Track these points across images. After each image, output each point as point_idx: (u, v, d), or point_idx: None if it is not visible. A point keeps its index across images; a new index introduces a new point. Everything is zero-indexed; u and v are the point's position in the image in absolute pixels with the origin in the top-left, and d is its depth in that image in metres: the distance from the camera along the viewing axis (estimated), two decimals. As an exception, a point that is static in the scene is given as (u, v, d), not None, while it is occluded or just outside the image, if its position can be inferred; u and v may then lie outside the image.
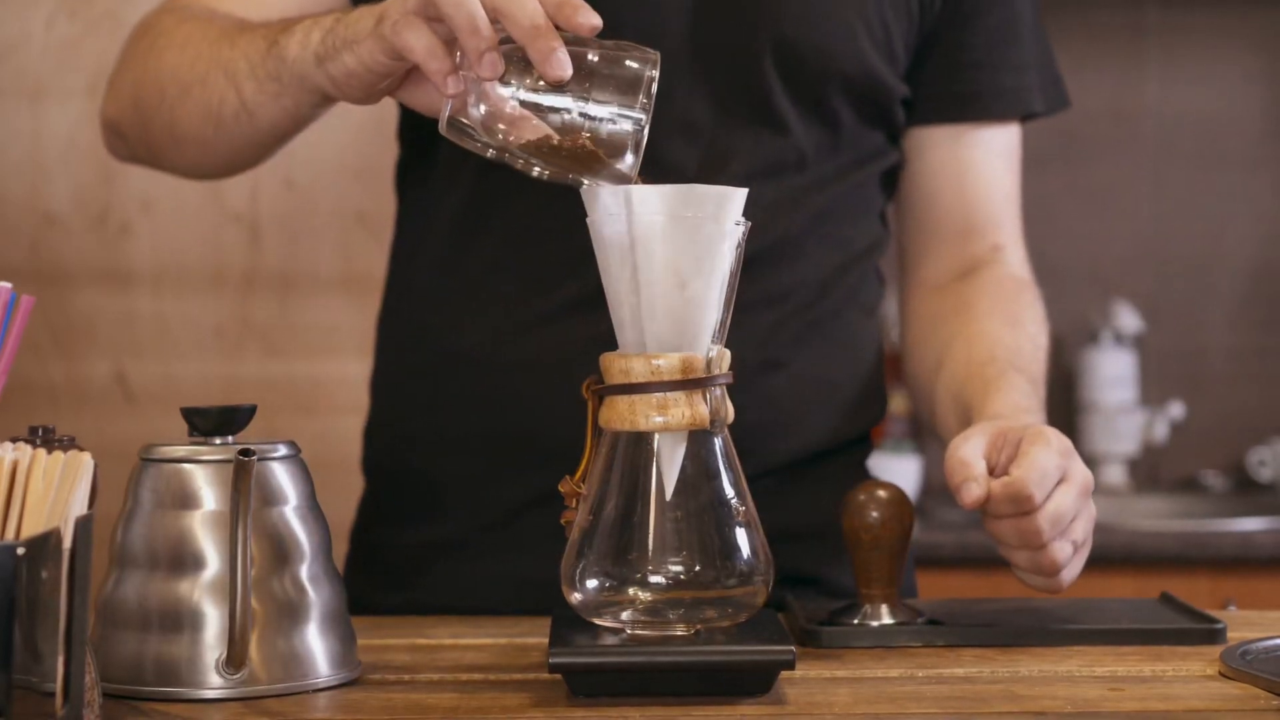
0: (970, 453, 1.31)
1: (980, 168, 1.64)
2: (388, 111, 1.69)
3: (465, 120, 1.24)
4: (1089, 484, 1.33)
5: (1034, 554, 1.31)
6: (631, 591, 1.15)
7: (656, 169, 1.48)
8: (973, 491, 1.29)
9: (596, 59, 1.23)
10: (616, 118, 1.22)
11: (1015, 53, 1.64)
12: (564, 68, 1.20)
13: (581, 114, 1.22)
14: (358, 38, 1.30)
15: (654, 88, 1.23)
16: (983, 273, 1.63)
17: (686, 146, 1.51)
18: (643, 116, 1.22)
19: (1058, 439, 1.32)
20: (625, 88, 1.23)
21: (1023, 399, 1.45)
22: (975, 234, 1.64)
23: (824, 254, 1.58)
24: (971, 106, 1.63)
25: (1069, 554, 1.32)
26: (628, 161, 1.23)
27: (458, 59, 1.23)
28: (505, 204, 1.55)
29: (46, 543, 0.93)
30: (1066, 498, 1.30)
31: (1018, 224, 1.67)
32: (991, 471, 1.32)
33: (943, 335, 1.59)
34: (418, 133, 1.63)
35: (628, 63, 1.23)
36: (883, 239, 1.65)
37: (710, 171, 1.50)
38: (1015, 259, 1.65)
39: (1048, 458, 1.29)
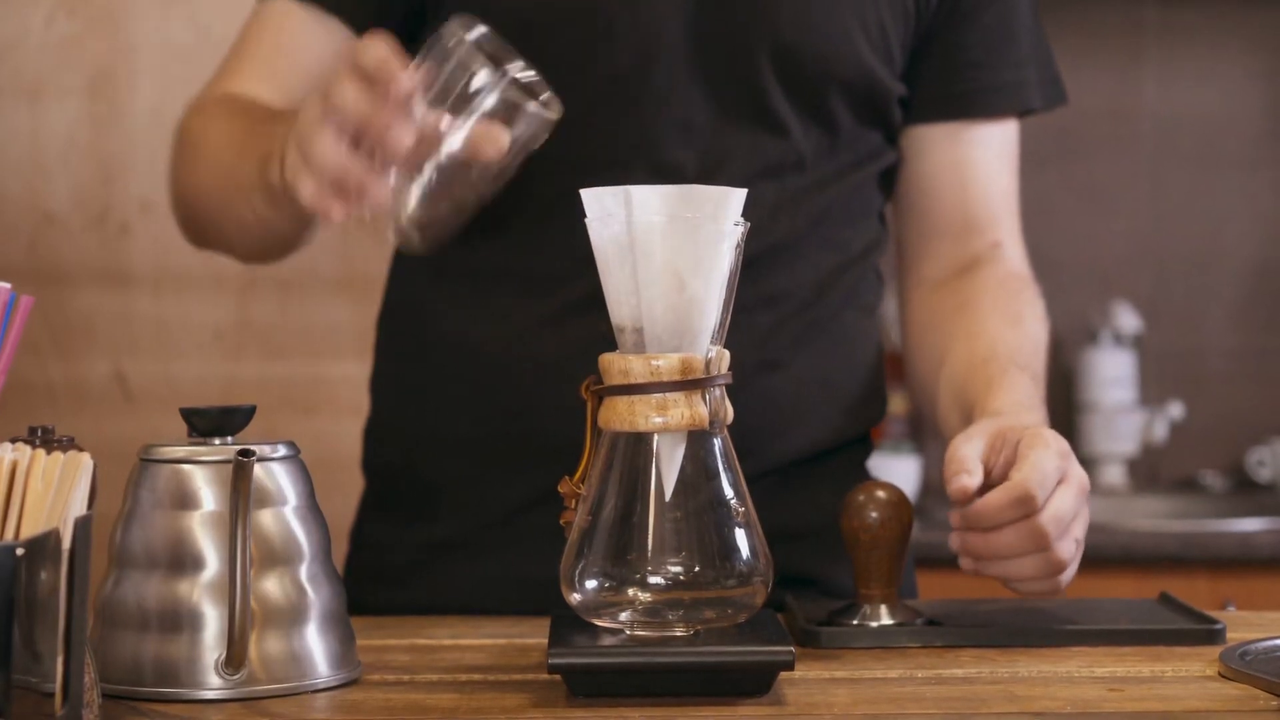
0: (969, 452, 1.32)
1: (979, 165, 1.65)
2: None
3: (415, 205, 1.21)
4: (1086, 485, 1.34)
5: (1040, 555, 1.31)
6: (631, 592, 1.15)
7: (655, 170, 1.48)
8: (963, 482, 1.30)
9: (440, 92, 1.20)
10: (487, 100, 1.20)
11: (1012, 50, 1.64)
12: (402, 140, 1.16)
13: (471, 113, 1.20)
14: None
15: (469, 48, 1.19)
16: (983, 270, 1.63)
17: (685, 148, 1.51)
18: (491, 71, 1.19)
19: (1056, 441, 1.33)
20: (464, 94, 1.20)
21: (1024, 396, 1.46)
22: (975, 231, 1.65)
23: (823, 255, 1.58)
24: (969, 105, 1.63)
25: (1073, 551, 1.33)
26: (532, 108, 1.20)
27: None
28: (506, 205, 1.55)
29: (46, 543, 0.93)
30: (1067, 498, 1.31)
31: (1016, 221, 1.68)
32: (990, 472, 1.33)
33: (944, 333, 1.59)
34: None
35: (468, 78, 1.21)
36: (881, 239, 1.66)
37: (708, 173, 1.50)
38: (1015, 255, 1.66)
39: (1048, 459, 1.30)
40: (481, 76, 1.19)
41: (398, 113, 1.15)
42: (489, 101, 1.19)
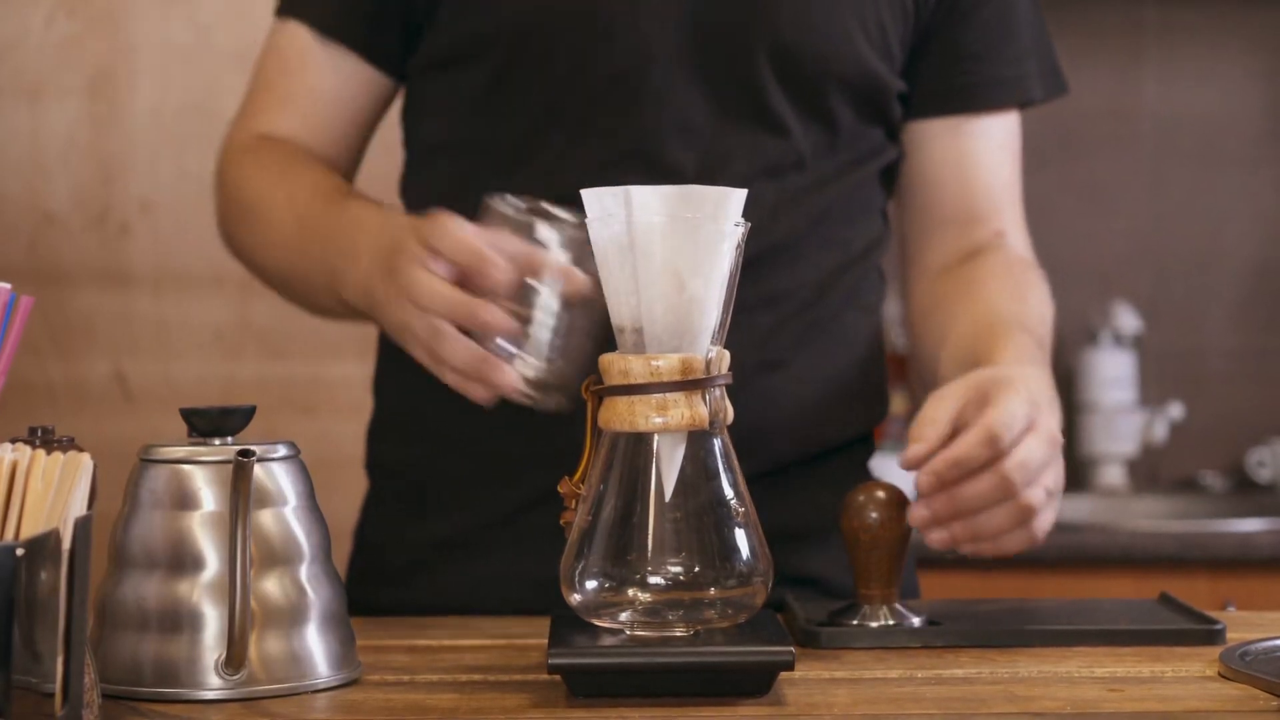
0: (933, 414, 1.32)
1: (981, 156, 1.65)
2: (388, 116, 1.69)
3: (534, 359, 1.31)
4: (1056, 437, 1.34)
5: (1010, 504, 1.31)
6: (631, 592, 1.15)
7: (655, 171, 1.48)
8: (911, 451, 1.30)
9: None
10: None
11: (1012, 44, 1.64)
12: (501, 320, 1.28)
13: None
14: (393, 332, 1.39)
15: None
16: (987, 255, 1.63)
17: (684, 149, 1.51)
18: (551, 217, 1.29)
19: (1029, 389, 1.33)
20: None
21: (1028, 354, 1.46)
22: (978, 221, 1.65)
23: (823, 255, 1.58)
24: (970, 98, 1.63)
25: (1043, 499, 1.32)
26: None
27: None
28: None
29: (46, 543, 0.93)
30: (1034, 446, 1.31)
31: (1019, 211, 1.68)
32: (966, 425, 1.32)
33: (948, 312, 1.58)
34: (425, 146, 1.62)
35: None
36: (883, 237, 1.65)
37: (709, 173, 1.50)
38: (1018, 243, 1.66)
39: (1016, 405, 1.31)
40: (541, 229, 1.29)
41: (491, 297, 1.28)
42: (559, 248, 1.28)
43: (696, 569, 1.15)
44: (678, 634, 1.16)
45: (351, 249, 1.44)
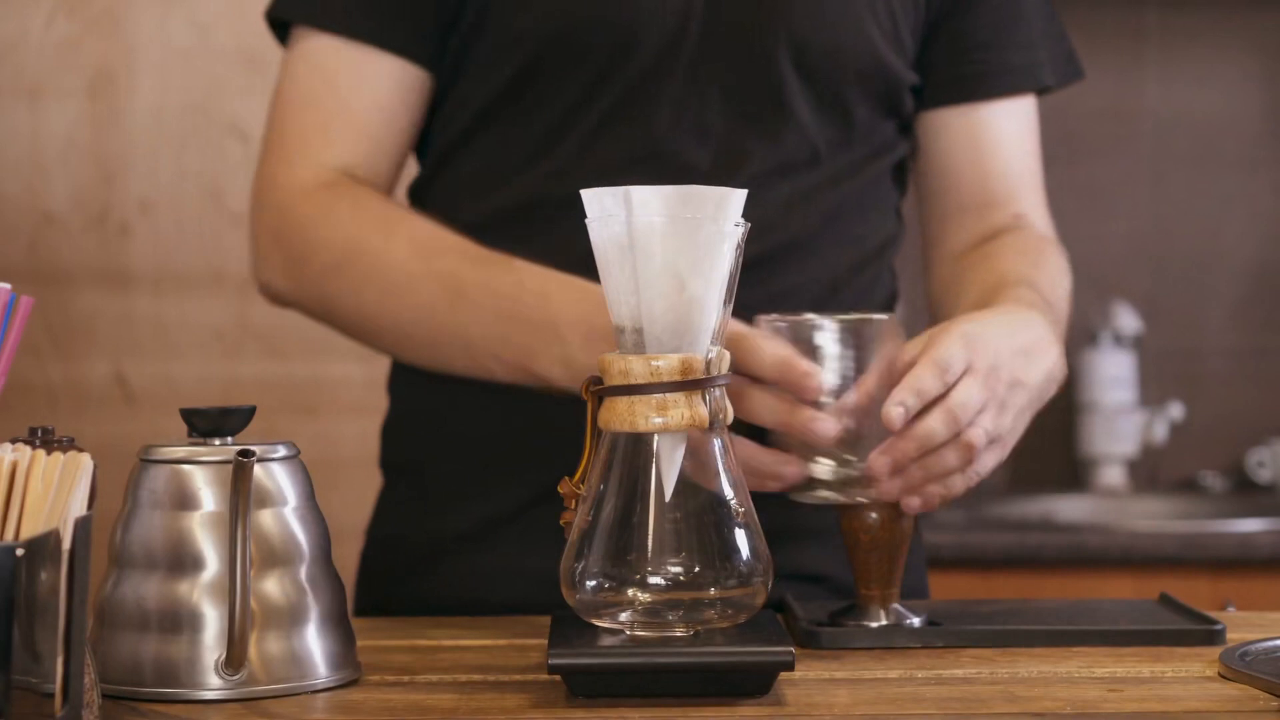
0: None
1: (996, 141, 1.65)
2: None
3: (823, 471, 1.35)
4: (993, 373, 1.34)
5: (954, 443, 1.32)
6: (631, 592, 1.15)
7: (670, 171, 1.48)
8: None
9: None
10: None
11: (1021, 31, 1.64)
12: (829, 429, 1.30)
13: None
14: None
15: None
16: (1006, 234, 1.63)
17: (699, 148, 1.52)
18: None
19: (967, 334, 1.34)
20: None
21: (1025, 302, 1.46)
22: (996, 205, 1.65)
23: (836, 253, 1.58)
24: (981, 86, 1.64)
25: (983, 439, 1.33)
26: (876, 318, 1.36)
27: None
28: (524, 214, 1.55)
29: (46, 544, 0.93)
30: (970, 386, 1.32)
31: (1040, 193, 1.68)
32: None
33: (965, 282, 1.58)
34: (445, 147, 1.62)
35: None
36: (897, 235, 1.65)
37: (723, 172, 1.50)
38: (1039, 223, 1.66)
39: (949, 350, 1.32)
40: (817, 336, 1.34)
41: (813, 408, 1.30)
42: (833, 344, 1.34)
43: (696, 569, 1.15)
44: (678, 634, 1.16)
45: (548, 325, 1.41)
